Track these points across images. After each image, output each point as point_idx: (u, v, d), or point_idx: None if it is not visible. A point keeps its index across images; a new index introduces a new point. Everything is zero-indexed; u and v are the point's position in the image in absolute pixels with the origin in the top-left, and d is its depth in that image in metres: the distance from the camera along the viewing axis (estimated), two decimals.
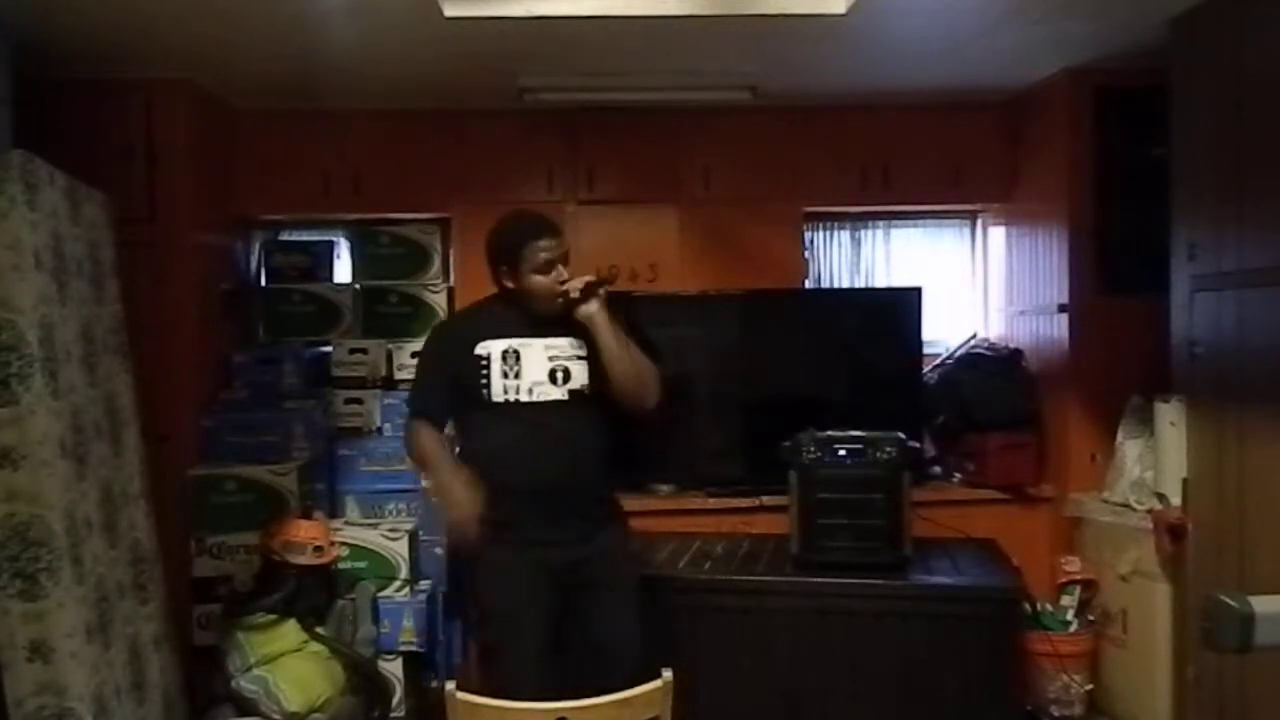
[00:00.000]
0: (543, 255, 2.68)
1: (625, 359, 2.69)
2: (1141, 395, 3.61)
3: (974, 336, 4.51)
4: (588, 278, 2.68)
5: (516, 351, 2.70)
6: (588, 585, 2.73)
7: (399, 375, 4.19)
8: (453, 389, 2.75)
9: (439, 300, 4.27)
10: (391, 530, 3.85)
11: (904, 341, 4.18)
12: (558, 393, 2.70)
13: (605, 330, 2.66)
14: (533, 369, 2.70)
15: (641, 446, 3.84)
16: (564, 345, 2.73)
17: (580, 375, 2.72)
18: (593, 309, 2.66)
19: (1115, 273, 3.82)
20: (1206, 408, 3.13)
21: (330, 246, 4.48)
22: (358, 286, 4.32)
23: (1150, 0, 3.08)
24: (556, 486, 2.68)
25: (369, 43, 3.34)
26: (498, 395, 2.69)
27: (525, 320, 2.73)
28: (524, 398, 2.69)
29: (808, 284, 4.51)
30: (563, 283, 2.67)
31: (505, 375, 2.68)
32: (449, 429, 2.84)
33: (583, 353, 2.73)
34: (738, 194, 4.28)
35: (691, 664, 2.82)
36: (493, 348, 2.71)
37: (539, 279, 2.69)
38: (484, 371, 2.69)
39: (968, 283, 4.72)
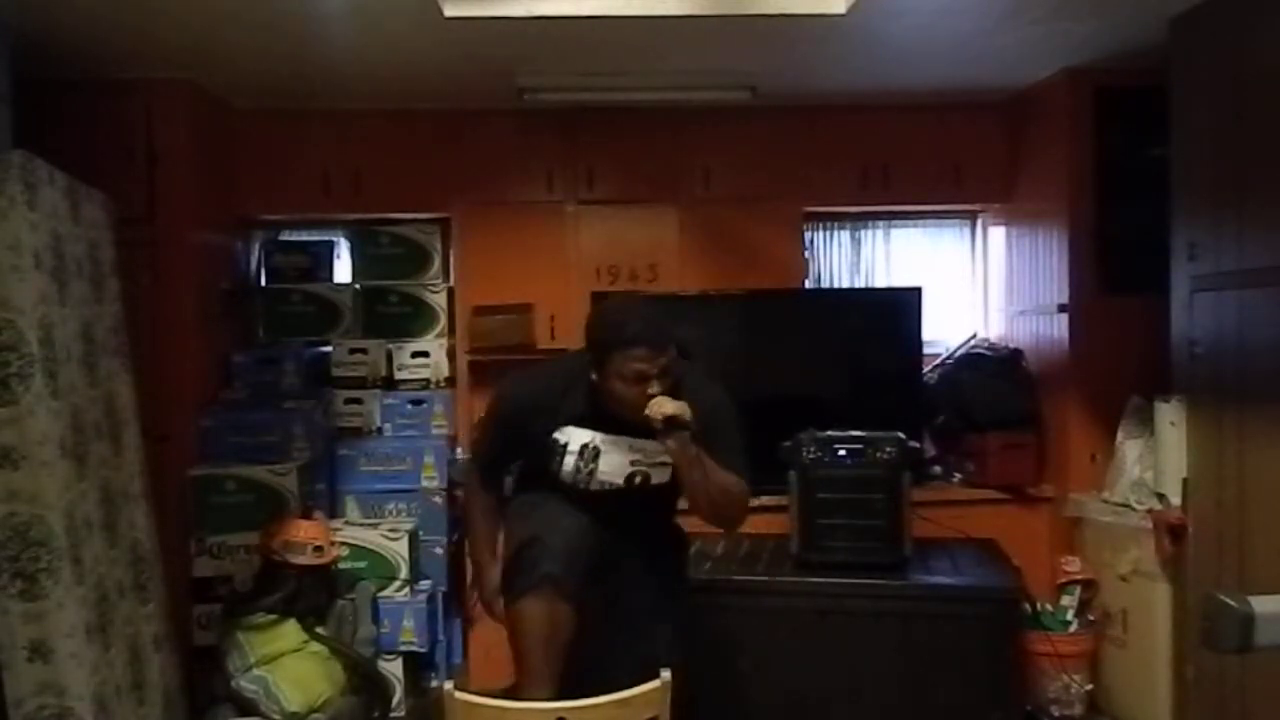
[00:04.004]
0: (632, 367, 2.32)
1: (706, 494, 2.38)
2: (1141, 395, 3.61)
3: (974, 336, 4.51)
4: (671, 411, 2.30)
5: (597, 449, 2.44)
6: (632, 585, 2.53)
7: (399, 375, 4.20)
8: (518, 453, 2.58)
9: (439, 300, 4.27)
10: (391, 530, 3.85)
11: (904, 341, 4.18)
12: (626, 487, 2.47)
13: (686, 467, 2.34)
14: (610, 469, 2.45)
15: None
16: (650, 447, 2.42)
17: (660, 477, 2.47)
18: (673, 446, 2.32)
19: (1115, 273, 3.82)
20: (1206, 408, 3.13)
21: (330, 246, 4.49)
22: (358, 286, 4.32)
23: (1150, 0, 3.08)
24: (614, 522, 2.49)
25: (369, 43, 3.34)
26: (565, 478, 2.46)
27: (609, 411, 2.42)
28: (593, 487, 2.46)
29: (808, 284, 4.51)
30: (649, 399, 2.32)
31: (579, 470, 2.45)
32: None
33: (669, 458, 2.40)
34: (738, 194, 4.28)
35: (692, 664, 2.81)
36: (572, 437, 2.44)
37: (623, 389, 2.33)
38: (557, 457, 2.45)
39: (968, 283, 4.72)
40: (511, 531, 2.52)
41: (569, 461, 2.45)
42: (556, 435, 2.45)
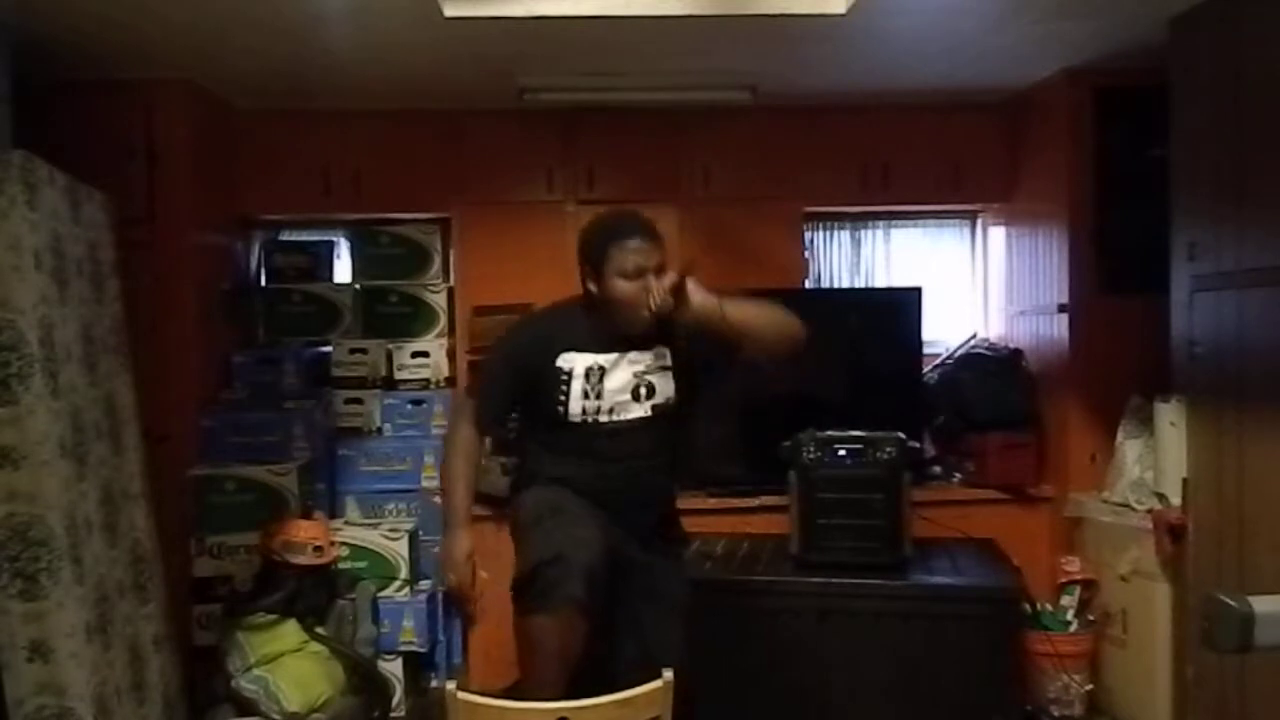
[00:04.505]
0: (631, 259, 2.41)
1: (756, 320, 2.46)
2: (1141, 395, 3.61)
3: (974, 336, 4.51)
4: (670, 282, 2.38)
5: (601, 369, 2.49)
6: (640, 587, 2.57)
7: (399, 375, 4.20)
8: (522, 395, 2.58)
9: (439, 300, 4.27)
10: (391, 530, 3.86)
11: (904, 341, 4.18)
12: (639, 410, 2.52)
13: (719, 313, 2.38)
14: (616, 386, 2.51)
15: None
16: (648, 359, 2.53)
17: (664, 389, 2.55)
18: (695, 307, 2.37)
19: (1115, 273, 3.81)
20: (1206, 408, 3.13)
21: (330, 246, 4.49)
22: (358, 286, 4.32)
23: (1150, 0, 3.08)
24: (625, 506, 2.54)
25: (369, 43, 3.34)
26: (575, 415, 2.50)
27: (611, 332, 2.50)
28: (603, 419, 2.50)
29: (808, 284, 4.51)
30: (652, 290, 2.39)
31: (586, 395, 2.49)
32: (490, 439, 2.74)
33: (667, 362, 2.54)
34: (738, 194, 4.28)
35: (693, 664, 2.81)
36: (576, 362, 2.50)
37: (624, 285, 2.41)
38: (563, 387, 2.49)
39: (968, 283, 4.72)
40: (528, 537, 2.48)
41: (576, 388, 2.48)
42: (560, 364, 2.49)
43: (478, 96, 4.04)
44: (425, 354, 4.21)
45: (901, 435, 3.38)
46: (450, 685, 1.93)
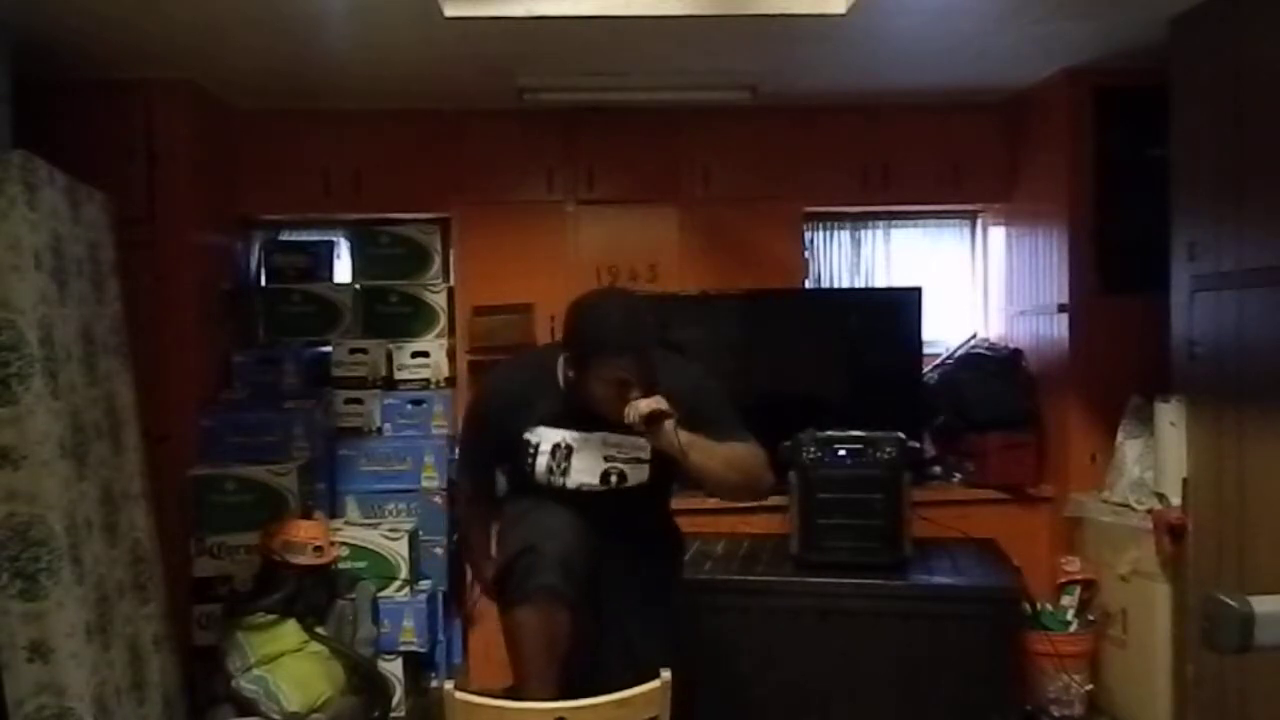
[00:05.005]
0: (616, 375, 2.29)
1: (715, 474, 2.34)
2: (1141, 395, 3.61)
3: (974, 336, 4.51)
4: (652, 407, 2.26)
5: (569, 447, 2.40)
6: (624, 587, 2.49)
7: (399, 375, 4.20)
8: (497, 453, 2.55)
9: (439, 300, 4.27)
10: (391, 530, 3.86)
11: (904, 341, 4.17)
12: (606, 489, 2.42)
13: (682, 456, 2.29)
14: (583, 468, 2.41)
15: None
16: (624, 444, 2.40)
17: (638, 476, 2.43)
18: (663, 443, 2.29)
19: (1115, 273, 3.82)
20: (1206, 408, 3.13)
21: (330, 246, 4.49)
22: (358, 286, 4.32)
23: (1150, 0, 3.08)
24: (607, 523, 2.44)
25: (369, 42, 3.34)
26: (540, 479, 2.43)
27: (584, 412, 2.38)
28: (570, 484, 2.42)
29: (808, 284, 4.51)
30: (628, 406, 2.28)
31: (552, 471, 2.41)
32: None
33: (645, 455, 2.40)
34: (738, 194, 4.28)
35: (691, 664, 2.81)
36: (544, 437, 2.41)
37: (603, 393, 2.31)
38: (529, 457, 2.42)
39: (968, 283, 4.72)
40: (505, 536, 2.47)
41: (541, 462, 2.43)
42: (528, 436, 2.42)
43: (478, 96, 4.04)
44: (425, 354, 4.21)
45: (901, 435, 3.38)
46: (449, 685, 1.93)
